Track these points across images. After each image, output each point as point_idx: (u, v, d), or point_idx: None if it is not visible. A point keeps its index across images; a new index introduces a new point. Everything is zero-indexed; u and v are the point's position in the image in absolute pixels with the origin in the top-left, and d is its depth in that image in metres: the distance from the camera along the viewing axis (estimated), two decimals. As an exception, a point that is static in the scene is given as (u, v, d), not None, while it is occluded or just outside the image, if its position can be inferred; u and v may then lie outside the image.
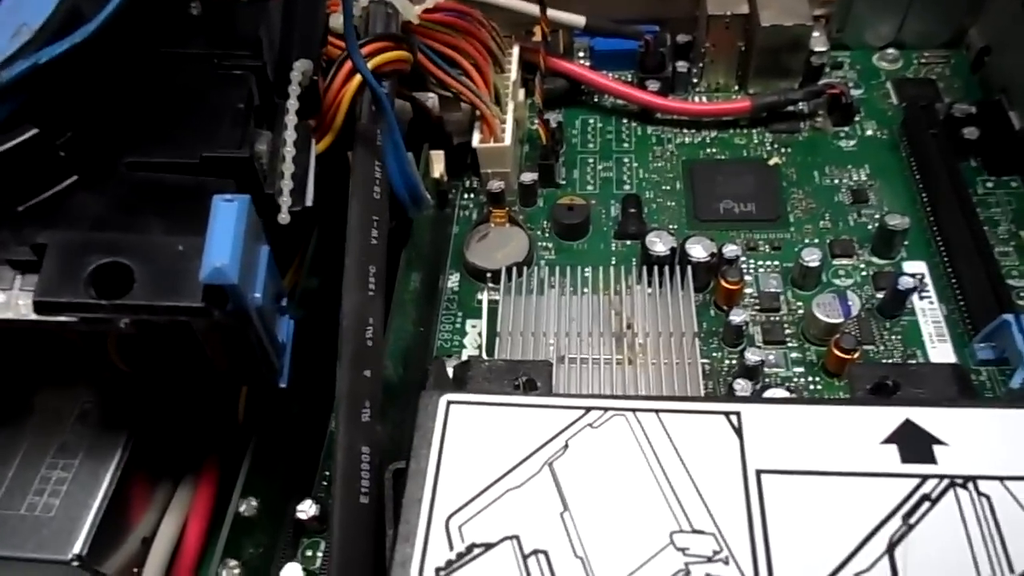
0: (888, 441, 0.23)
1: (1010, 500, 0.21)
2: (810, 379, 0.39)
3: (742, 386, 0.37)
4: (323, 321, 0.33)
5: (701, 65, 0.51)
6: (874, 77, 0.52)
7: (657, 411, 0.24)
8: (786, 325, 0.41)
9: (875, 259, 0.43)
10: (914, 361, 0.39)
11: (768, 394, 0.36)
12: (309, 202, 0.31)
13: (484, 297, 0.42)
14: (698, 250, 0.41)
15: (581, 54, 0.54)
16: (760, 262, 0.44)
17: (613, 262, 0.45)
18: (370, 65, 0.36)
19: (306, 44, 0.33)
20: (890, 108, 0.50)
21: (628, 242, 0.45)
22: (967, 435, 0.23)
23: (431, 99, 0.47)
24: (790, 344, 0.41)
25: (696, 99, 0.52)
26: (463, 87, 0.44)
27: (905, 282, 0.40)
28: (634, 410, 0.24)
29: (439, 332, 0.43)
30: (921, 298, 0.42)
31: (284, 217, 0.30)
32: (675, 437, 0.23)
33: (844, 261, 0.43)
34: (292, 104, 0.31)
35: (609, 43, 0.53)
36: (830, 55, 0.51)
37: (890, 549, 0.21)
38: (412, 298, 0.39)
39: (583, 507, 0.22)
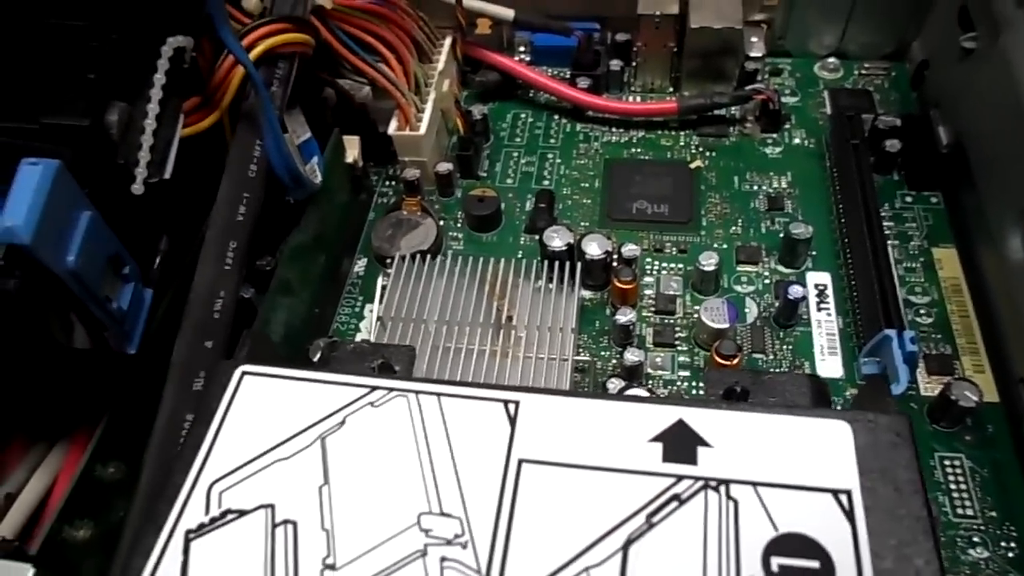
0: (656, 440, 0.23)
1: (757, 505, 0.21)
2: (693, 384, 0.39)
3: (614, 385, 0.37)
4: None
5: (634, 64, 0.51)
6: (812, 86, 0.51)
7: (439, 394, 0.24)
8: (679, 328, 0.41)
9: (781, 268, 0.43)
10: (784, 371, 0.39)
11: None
12: (168, 175, 0.32)
13: (379, 283, 0.43)
14: (593, 248, 0.41)
15: (522, 49, 0.54)
16: (665, 264, 0.44)
17: (520, 255, 0.45)
18: (265, 46, 0.37)
19: (184, 21, 0.33)
20: (822, 117, 0.49)
21: (537, 236, 0.45)
22: (735, 438, 0.22)
23: (366, 87, 0.47)
24: (680, 348, 0.40)
25: (630, 99, 0.52)
26: (377, 74, 0.44)
27: (794, 291, 0.39)
28: (417, 392, 0.24)
29: (338, 315, 0.43)
30: (819, 309, 0.41)
31: (138, 187, 0.30)
32: (450, 421, 0.23)
33: (748, 268, 0.43)
34: (159, 79, 0.31)
35: (549, 39, 0.53)
36: (766, 61, 0.50)
37: (626, 546, 0.21)
38: (300, 278, 0.40)
39: (343, 482, 0.23)
